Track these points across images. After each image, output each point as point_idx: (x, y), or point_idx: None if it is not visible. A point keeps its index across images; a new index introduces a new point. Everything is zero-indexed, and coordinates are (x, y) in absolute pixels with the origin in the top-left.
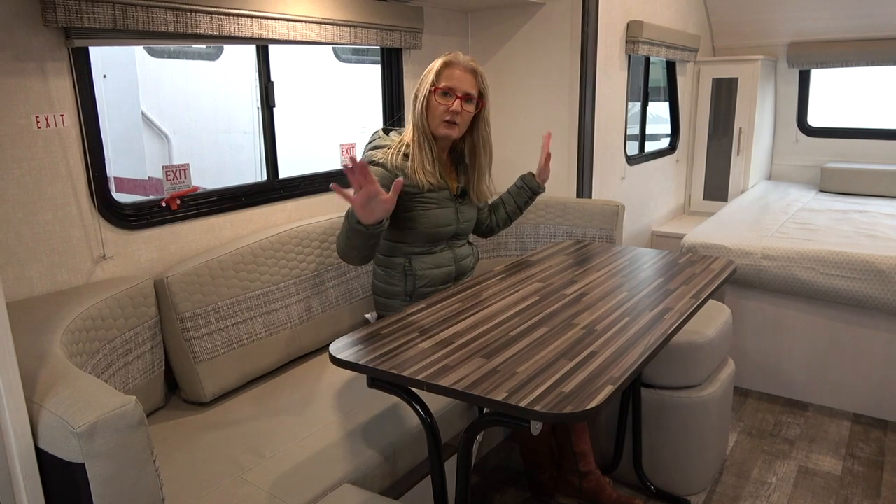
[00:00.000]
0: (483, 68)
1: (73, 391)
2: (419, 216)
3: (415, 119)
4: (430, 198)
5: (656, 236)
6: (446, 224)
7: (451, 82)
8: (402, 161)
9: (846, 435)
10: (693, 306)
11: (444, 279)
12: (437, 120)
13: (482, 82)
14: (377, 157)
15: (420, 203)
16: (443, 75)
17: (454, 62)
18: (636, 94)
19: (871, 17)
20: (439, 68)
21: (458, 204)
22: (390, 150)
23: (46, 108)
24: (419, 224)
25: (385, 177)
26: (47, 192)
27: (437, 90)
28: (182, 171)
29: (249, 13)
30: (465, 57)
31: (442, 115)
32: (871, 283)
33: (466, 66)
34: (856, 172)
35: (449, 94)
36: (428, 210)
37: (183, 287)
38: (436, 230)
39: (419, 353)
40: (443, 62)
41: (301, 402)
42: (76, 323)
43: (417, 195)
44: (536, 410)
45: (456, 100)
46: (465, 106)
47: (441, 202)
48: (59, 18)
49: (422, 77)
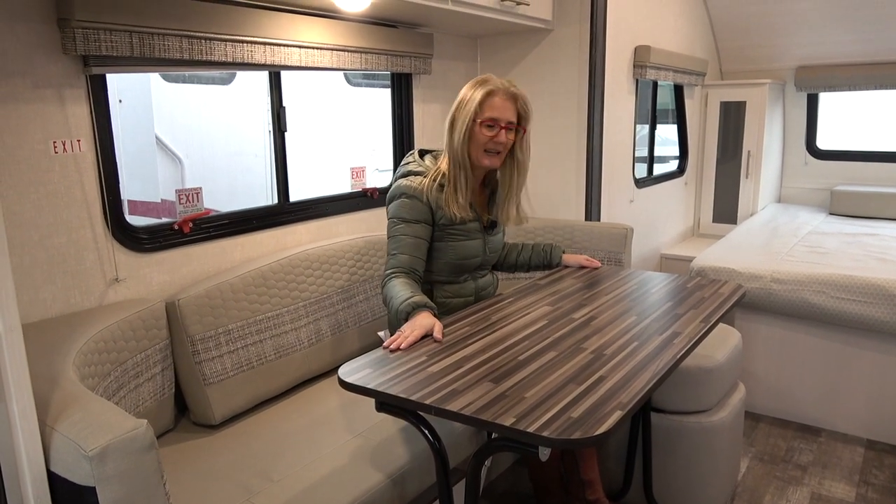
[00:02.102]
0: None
1: (84, 414)
2: (447, 247)
3: (452, 149)
4: (460, 230)
5: (665, 259)
6: (473, 256)
7: (495, 112)
8: (437, 193)
9: (860, 461)
10: (702, 331)
11: (462, 307)
12: (479, 150)
13: (523, 107)
14: (411, 189)
15: (450, 234)
16: (485, 105)
17: (495, 90)
18: (644, 117)
19: (878, 41)
20: (482, 98)
21: (487, 235)
22: (426, 178)
23: (64, 133)
24: (447, 255)
25: (420, 209)
26: (63, 216)
27: (483, 122)
28: (195, 194)
29: (263, 40)
30: (504, 81)
31: (485, 145)
32: (882, 307)
33: (507, 92)
34: (866, 195)
35: (493, 125)
36: (457, 241)
37: (194, 309)
38: (462, 262)
39: (428, 376)
40: (485, 92)
41: (310, 424)
42: (88, 345)
43: (448, 227)
44: (545, 436)
45: (501, 130)
46: (508, 136)
47: (471, 234)
48: (77, 47)
49: (457, 103)
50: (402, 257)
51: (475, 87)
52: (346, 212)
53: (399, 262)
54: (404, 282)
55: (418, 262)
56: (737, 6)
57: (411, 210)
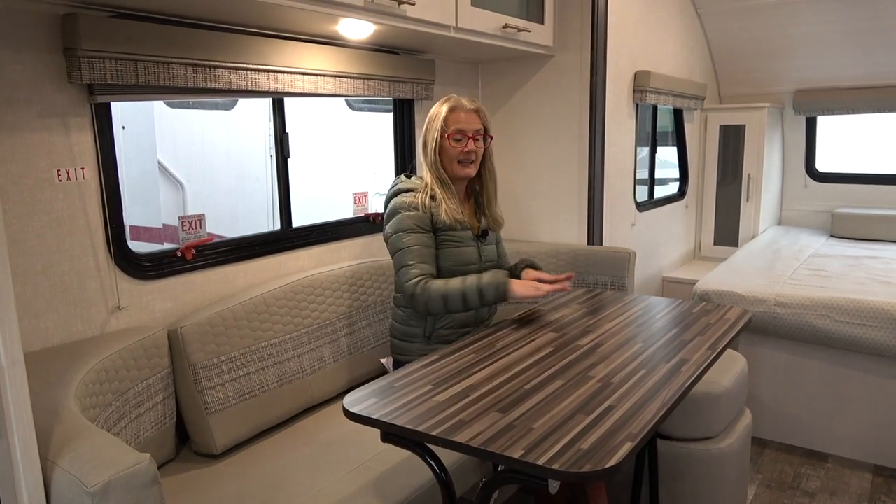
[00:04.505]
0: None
1: (86, 448)
2: (444, 254)
3: (430, 165)
4: (454, 236)
5: (667, 282)
6: (469, 263)
7: (460, 124)
8: (430, 202)
9: (868, 487)
10: (710, 358)
11: (464, 322)
12: (453, 162)
13: (485, 118)
14: (407, 203)
15: (446, 241)
16: (450, 120)
17: (457, 106)
18: (644, 140)
19: (875, 65)
20: (446, 115)
21: (480, 244)
22: (419, 192)
23: (68, 162)
24: (443, 262)
25: (422, 219)
26: (66, 244)
27: (450, 135)
28: (197, 221)
29: (266, 68)
30: (464, 98)
31: (457, 156)
32: (887, 331)
33: (469, 107)
34: (867, 218)
35: (461, 136)
36: (452, 248)
37: (196, 337)
38: (459, 268)
39: (434, 406)
40: (448, 108)
41: (313, 454)
42: (90, 375)
43: (444, 232)
44: (554, 469)
45: (468, 140)
46: (477, 144)
47: (464, 241)
48: (83, 76)
49: (426, 124)
50: (424, 265)
51: (439, 106)
52: (349, 237)
53: (423, 269)
54: (445, 280)
55: (434, 268)
56: (734, 31)
57: (415, 221)
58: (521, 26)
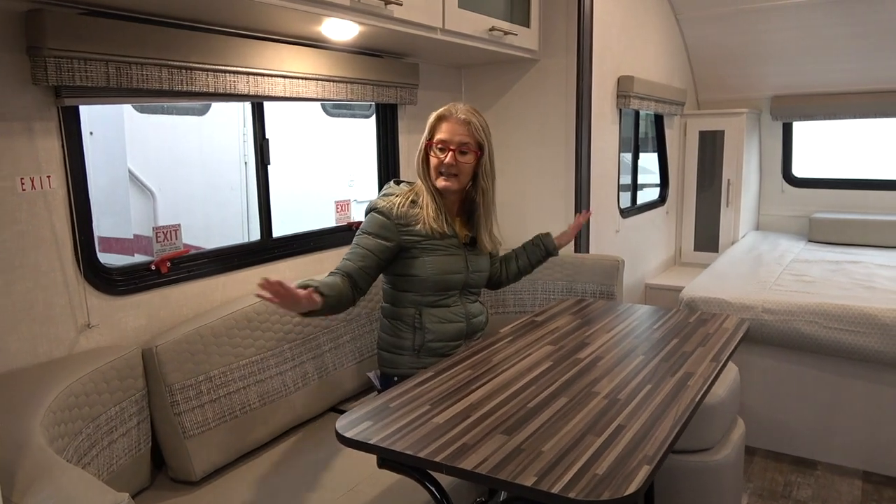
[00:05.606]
0: (481, 118)
1: (55, 489)
2: (426, 262)
3: (418, 172)
4: (436, 244)
5: (650, 289)
6: (455, 272)
7: (444, 135)
8: (409, 208)
9: (858, 494)
10: (716, 370)
11: (455, 335)
12: (435, 172)
13: (477, 132)
14: (379, 205)
15: (426, 249)
16: (437, 129)
17: (447, 115)
18: (626, 146)
19: (852, 71)
20: (433, 122)
21: (468, 253)
22: (397, 198)
23: (33, 169)
24: (426, 269)
25: (386, 226)
26: (30, 258)
27: (435, 145)
28: (173, 231)
29: (246, 70)
30: (463, 107)
31: (438, 167)
32: (874, 336)
33: (459, 117)
34: (844, 222)
35: (443, 147)
36: (434, 255)
37: (173, 356)
38: (443, 277)
39: (434, 429)
40: (437, 116)
41: (299, 477)
42: (58, 401)
43: (425, 240)
44: (572, 498)
45: (449, 152)
46: (461, 158)
47: (449, 249)
48: (49, 77)
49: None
50: (346, 263)
51: (434, 112)
52: (331, 247)
53: (341, 265)
54: (327, 278)
55: (359, 272)
56: (712, 36)
57: (375, 225)
58: (507, 29)
